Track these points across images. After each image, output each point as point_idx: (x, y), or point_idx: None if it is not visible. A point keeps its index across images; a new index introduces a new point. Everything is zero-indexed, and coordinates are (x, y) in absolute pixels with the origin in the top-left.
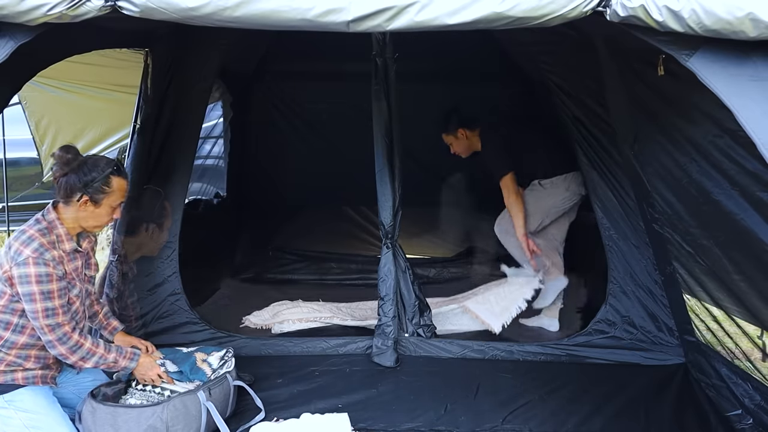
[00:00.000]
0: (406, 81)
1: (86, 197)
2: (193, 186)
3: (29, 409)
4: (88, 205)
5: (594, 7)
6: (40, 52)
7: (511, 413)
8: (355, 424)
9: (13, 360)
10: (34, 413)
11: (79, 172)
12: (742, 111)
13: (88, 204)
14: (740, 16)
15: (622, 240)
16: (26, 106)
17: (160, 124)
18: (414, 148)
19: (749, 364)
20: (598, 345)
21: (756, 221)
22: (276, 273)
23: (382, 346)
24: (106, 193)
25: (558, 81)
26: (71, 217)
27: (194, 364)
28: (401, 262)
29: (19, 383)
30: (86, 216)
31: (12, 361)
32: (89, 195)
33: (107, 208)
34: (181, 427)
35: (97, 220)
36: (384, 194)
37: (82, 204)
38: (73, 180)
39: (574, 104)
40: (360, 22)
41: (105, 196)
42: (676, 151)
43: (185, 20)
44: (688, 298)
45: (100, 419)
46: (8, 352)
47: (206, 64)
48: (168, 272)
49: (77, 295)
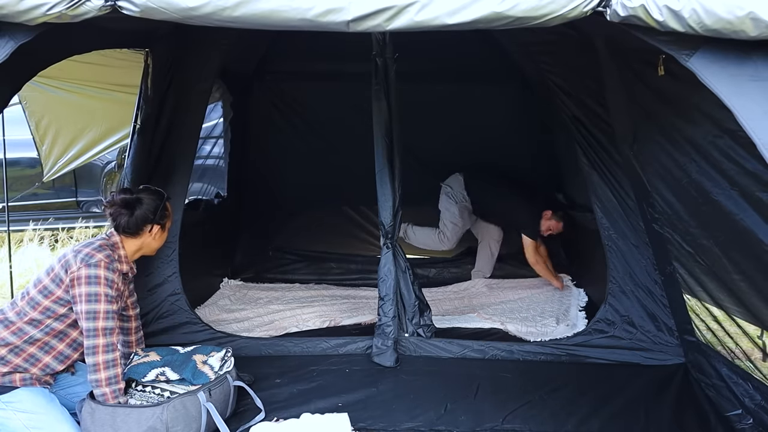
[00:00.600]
0: (406, 81)
1: (158, 226)
2: (193, 186)
3: (28, 410)
4: (158, 232)
5: (594, 7)
6: (40, 52)
7: (511, 413)
8: (355, 424)
9: (19, 364)
10: (34, 413)
11: (143, 207)
12: (742, 111)
13: (158, 231)
14: (741, 16)
15: (622, 240)
16: (26, 106)
17: (160, 124)
18: (414, 147)
19: (749, 364)
20: (597, 345)
21: (756, 221)
22: (276, 273)
23: (382, 346)
24: (168, 217)
25: (558, 81)
26: (135, 245)
27: (195, 368)
28: (401, 262)
29: (16, 384)
30: (152, 241)
31: (18, 364)
32: (159, 223)
33: (167, 230)
34: (181, 427)
35: (160, 242)
36: (384, 194)
37: (154, 233)
38: (144, 214)
39: (574, 104)
40: (360, 21)
41: (167, 220)
42: (676, 151)
43: (185, 20)
44: (688, 298)
45: (100, 420)
46: (19, 353)
47: (206, 64)
48: (168, 272)
49: (115, 314)
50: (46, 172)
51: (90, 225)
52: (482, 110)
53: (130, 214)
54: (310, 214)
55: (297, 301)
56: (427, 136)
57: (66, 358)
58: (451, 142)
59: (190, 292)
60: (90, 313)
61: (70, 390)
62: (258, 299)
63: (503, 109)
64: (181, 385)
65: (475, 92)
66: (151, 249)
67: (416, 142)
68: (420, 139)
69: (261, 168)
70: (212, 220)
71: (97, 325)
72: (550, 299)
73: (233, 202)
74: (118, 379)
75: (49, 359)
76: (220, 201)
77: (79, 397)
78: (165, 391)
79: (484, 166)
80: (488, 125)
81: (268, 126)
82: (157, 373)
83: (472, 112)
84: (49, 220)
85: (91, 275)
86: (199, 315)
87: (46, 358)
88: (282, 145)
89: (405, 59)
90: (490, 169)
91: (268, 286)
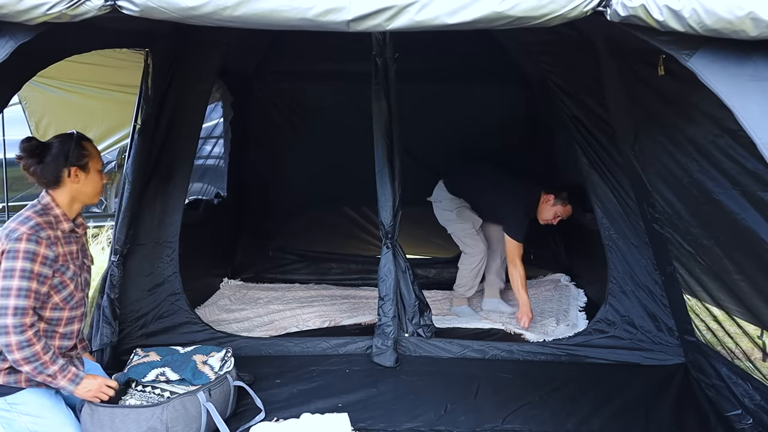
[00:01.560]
0: (406, 81)
1: (74, 168)
2: (193, 186)
3: (32, 413)
4: (79, 174)
5: (594, 7)
6: (40, 52)
7: (511, 413)
8: (355, 424)
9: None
10: (38, 416)
11: (52, 152)
12: (743, 111)
13: (79, 173)
14: (741, 16)
15: (622, 240)
16: (26, 106)
17: (160, 124)
18: (414, 147)
19: (749, 364)
20: (597, 345)
21: (757, 221)
22: (276, 273)
23: (381, 346)
24: (87, 156)
25: (558, 81)
26: (66, 197)
27: (195, 369)
28: (401, 262)
29: (21, 385)
30: (81, 186)
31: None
32: (75, 164)
33: (95, 171)
34: (181, 428)
35: (92, 186)
36: (384, 194)
37: (73, 176)
38: (52, 159)
39: (574, 104)
40: (360, 21)
41: (88, 159)
42: (677, 151)
43: (185, 20)
44: (689, 298)
45: (99, 420)
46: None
47: (206, 64)
48: (168, 272)
49: (71, 278)
50: None
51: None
52: (482, 110)
53: (38, 161)
54: (310, 214)
55: (297, 301)
56: (427, 135)
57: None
58: (451, 141)
59: (190, 292)
60: (3, 289)
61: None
62: (258, 299)
63: (503, 109)
64: (181, 386)
65: (475, 92)
66: (86, 196)
67: (416, 141)
68: (420, 138)
69: (261, 168)
70: (212, 220)
71: (8, 303)
72: (550, 299)
73: (233, 202)
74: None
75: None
76: (220, 201)
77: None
78: (165, 392)
79: (472, 161)
80: (488, 125)
81: (269, 126)
82: (157, 373)
83: (472, 112)
84: None
85: (11, 250)
86: (199, 315)
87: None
88: (282, 145)
89: (405, 59)
90: (477, 163)
91: (268, 286)
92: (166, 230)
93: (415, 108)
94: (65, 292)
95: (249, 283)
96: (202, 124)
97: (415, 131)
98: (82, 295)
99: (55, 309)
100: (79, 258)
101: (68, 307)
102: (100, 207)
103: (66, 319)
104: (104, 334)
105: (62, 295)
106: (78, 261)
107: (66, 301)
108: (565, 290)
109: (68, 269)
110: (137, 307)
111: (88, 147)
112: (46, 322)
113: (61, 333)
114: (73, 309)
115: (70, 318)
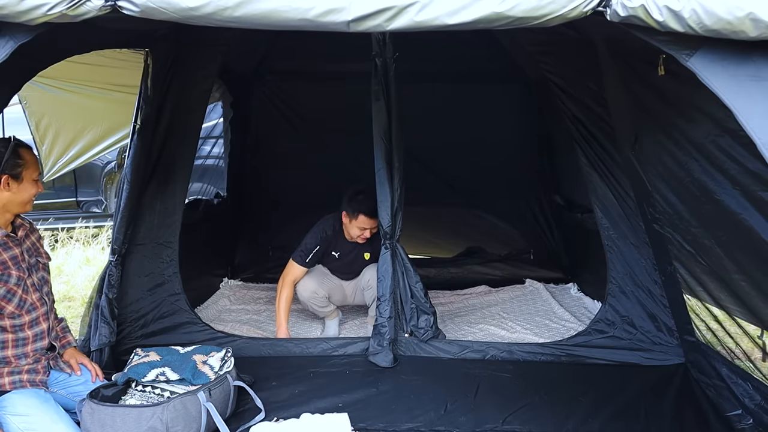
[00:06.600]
0: (406, 81)
1: (5, 176)
2: (193, 186)
3: (21, 413)
4: (11, 183)
5: (594, 7)
6: (40, 52)
7: (511, 414)
8: (355, 424)
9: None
10: (27, 415)
11: None
12: (743, 111)
13: (11, 182)
14: (740, 16)
15: (622, 240)
16: (26, 106)
17: (160, 124)
18: (414, 147)
19: (750, 364)
20: (597, 345)
21: (758, 221)
22: (276, 273)
23: (378, 346)
24: (21, 165)
25: (558, 81)
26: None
27: (195, 369)
28: (401, 263)
29: (6, 388)
30: (12, 195)
31: None
32: (8, 173)
33: (29, 181)
34: (181, 427)
35: (24, 195)
36: (383, 194)
37: (4, 185)
38: None
39: (574, 104)
40: (360, 21)
41: (22, 168)
42: (678, 151)
43: (185, 20)
44: (689, 298)
45: (100, 420)
46: None
47: (206, 65)
48: (168, 272)
49: (17, 284)
50: (46, 172)
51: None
52: (482, 110)
53: None
54: (310, 214)
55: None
56: (427, 135)
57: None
58: (451, 141)
59: (190, 292)
60: None
61: (70, 390)
62: (258, 299)
63: (503, 108)
64: (181, 385)
65: (475, 92)
66: (17, 205)
67: (416, 142)
68: (420, 138)
69: (261, 168)
70: (212, 220)
71: None
72: (549, 299)
73: (233, 202)
74: None
75: (8, 353)
76: (220, 201)
77: (80, 397)
78: (165, 391)
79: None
80: (488, 125)
81: (268, 126)
82: (157, 373)
83: (472, 112)
84: (49, 220)
85: None
86: (199, 315)
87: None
88: (282, 145)
89: (405, 59)
90: None
91: (268, 286)
92: (166, 230)
93: (414, 108)
94: (15, 300)
95: (249, 283)
96: (202, 124)
97: (414, 131)
98: (39, 295)
99: (13, 317)
100: (25, 260)
101: (24, 311)
102: (100, 207)
103: (29, 322)
104: (102, 334)
105: (14, 302)
106: (25, 263)
107: (20, 307)
108: (564, 291)
109: (10, 276)
110: (137, 307)
111: (25, 155)
112: (11, 331)
113: (31, 336)
114: (31, 311)
115: (32, 320)
